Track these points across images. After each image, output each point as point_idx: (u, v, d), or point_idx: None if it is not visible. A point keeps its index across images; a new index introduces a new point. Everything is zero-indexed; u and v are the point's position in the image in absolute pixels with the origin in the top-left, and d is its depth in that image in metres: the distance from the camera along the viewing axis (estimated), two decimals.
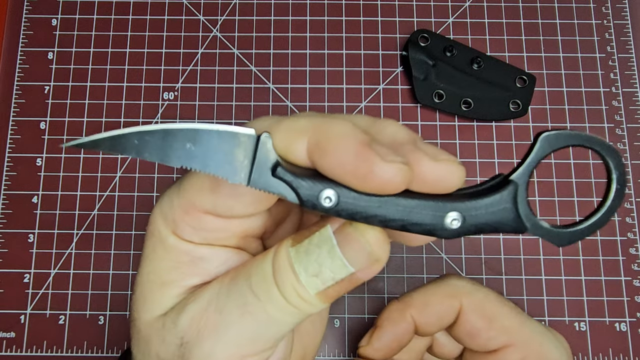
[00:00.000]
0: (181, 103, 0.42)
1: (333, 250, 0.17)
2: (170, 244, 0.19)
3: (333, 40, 0.43)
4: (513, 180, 0.17)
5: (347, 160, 0.15)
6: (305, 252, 0.17)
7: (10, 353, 0.37)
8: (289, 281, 0.17)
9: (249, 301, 0.17)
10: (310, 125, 0.16)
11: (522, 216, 0.17)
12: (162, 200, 0.19)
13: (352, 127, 0.16)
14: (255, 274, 0.18)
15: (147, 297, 0.19)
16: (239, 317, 0.17)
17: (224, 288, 0.18)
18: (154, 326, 0.19)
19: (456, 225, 0.16)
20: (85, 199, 0.40)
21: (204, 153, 0.16)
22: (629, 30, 0.43)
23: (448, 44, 0.41)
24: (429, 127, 0.41)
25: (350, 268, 0.17)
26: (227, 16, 0.43)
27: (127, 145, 0.16)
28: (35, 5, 0.43)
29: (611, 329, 0.38)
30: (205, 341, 0.18)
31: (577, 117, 0.41)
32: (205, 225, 0.18)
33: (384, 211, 0.16)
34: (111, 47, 0.43)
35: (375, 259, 0.17)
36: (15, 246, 0.39)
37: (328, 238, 0.17)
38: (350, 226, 0.17)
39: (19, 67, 0.42)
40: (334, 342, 0.38)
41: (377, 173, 0.15)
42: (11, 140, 0.41)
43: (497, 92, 0.41)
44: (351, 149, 0.15)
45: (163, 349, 0.18)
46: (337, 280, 0.17)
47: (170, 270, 0.19)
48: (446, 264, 0.39)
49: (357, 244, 0.17)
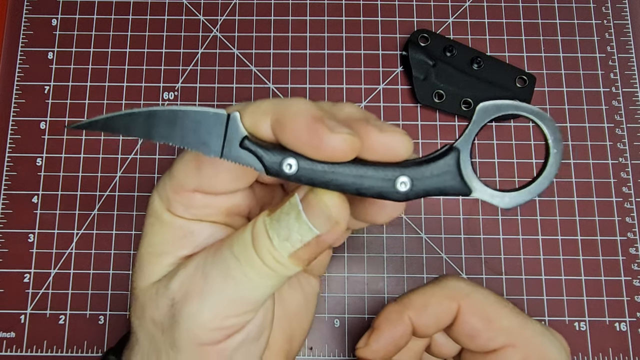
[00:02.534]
0: (181, 103, 0.42)
1: (299, 216, 0.19)
2: (165, 220, 0.22)
3: (333, 40, 0.43)
4: (455, 147, 0.19)
5: (301, 133, 0.18)
6: (278, 219, 0.19)
7: (10, 353, 0.37)
8: (265, 246, 0.19)
9: (231, 266, 0.20)
10: (272, 105, 0.19)
11: (465, 179, 0.19)
12: (158, 184, 0.22)
13: (308, 106, 0.18)
14: (237, 242, 0.20)
15: (145, 267, 0.22)
16: (222, 281, 0.20)
17: (209, 256, 0.21)
18: (149, 292, 0.21)
19: (405, 189, 0.18)
20: (85, 199, 0.40)
21: (182, 131, 0.18)
22: (629, 30, 0.43)
23: (448, 44, 0.41)
24: (429, 127, 0.41)
25: (315, 230, 0.19)
26: (227, 16, 0.43)
27: (117, 124, 0.19)
28: (35, 5, 0.43)
29: (611, 328, 0.38)
30: (192, 301, 0.20)
31: (577, 117, 0.41)
32: (194, 203, 0.21)
33: (338, 176, 0.18)
34: (111, 47, 0.43)
35: (335, 222, 0.19)
36: (15, 246, 0.39)
37: (295, 205, 0.19)
38: (311, 193, 0.19)
39: (19, 67, 0.42)
40: (334, 342, 0.38)
41: (326, 142, 0.17)
42: (11, 140, 0.41)
43: (497, 92, 0.41)
44: (304, 123, 0.18)
45: (157, 312, 0.21)
46: (305, 243, 0.19)
47: (165, 243, 0.22)
48: (446, 264, 0.39)
49: (318, 208, 0.19)
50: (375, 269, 0.39)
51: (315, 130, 0.18)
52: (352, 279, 0.39)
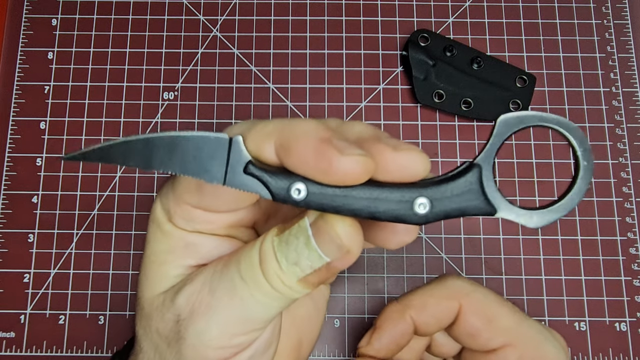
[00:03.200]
0: (181, 103, 0.42)
1: (309, 242, 0.18)
2: (167, 230, 0.21)
3: (333, 40, 0.43)
4: (477, 163, 0.17)
5: (307, 157, 0.16)
6: (286, 242, 0.18)
7: (10, 353, 0.37)
8: (273, 269, 0.18)
9: (238, 286, 0.19)
10: (277, 128, 0.17)
11: (489, 198, 0.17)
12: (161, 191, 0.22)
13: (314, 127, 0.17)
14: (244, 261, 0.19)
15: (149, 276, 0.22)
16: (229, 300, 0.19)
17: (217, 272, 0.20)
18: (155, 303, 0.21)
19: (424, 211, 0.17)
20: (85, 199, 0.40)
21: (182, 157, 0.17)
22: (629, 30, 0.43)
23: (448, 44, 0.41)
24: (429, 127, 0.41)
25: (325, 258, 0.18)
26: (227, 16, 0.43)
27: (113, 154, 0.17)
28: (35, 5, 0.43)
29: (611, 328, 0.38)
30: (198, 319, 0.19)
31: (577, 117, 0.41)
32: (195, 217, 0.21)
33: (350, 201, 0.17)
34: (111, 47, 0.43)
35: (346, 251, 0.18)
36: (15, 246, 0.39)
37: (304, 229, 0.18)
38: (321, 219, 0.18)
39: (19, 67, 0.42)
40: (334, 342, 0.38)
41: (336, 166, 0.16)
42: (11, 140, 0.41)
43: (497, 92, 0.41)
44: (310, 146, 0.16)
45: (162, 325, 0.20)
46: (315, 269, 0.18)
47: (168, 252, 0.21)
48: (446, 264, 0.39)
49: (328, 236, 0.18)
50: (375, 269, 0.39)
51: (323, 153, 0.16)
52: (352, 279, 0.39)
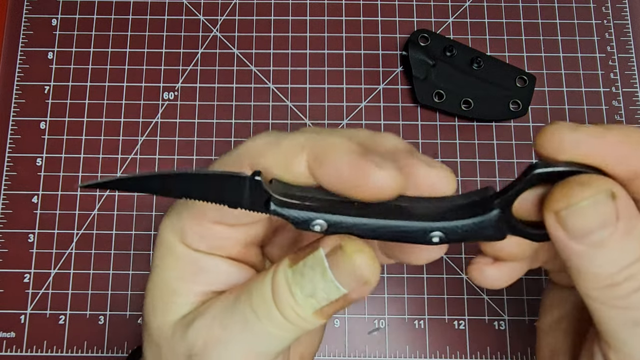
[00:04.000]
0: (181, 103, 0.42)
1: (325, 273, 0.17)
2: (179, 252, 0.20)
3: (333, 40, 0.43)
4: (496, 205, 0.17)
5: (342, 169, 0.16)
6: (301, 273, 0.18)
7: (10, 353, 0.37)
8: (287, 301, 0.18)
9: (250, 320, 0.18)
10: (309, 140, 0.17)
11: (503, 231, 0.18)
12: (170, 213, 0.21)
13: (348, 140, 0.17)
14: (256, 295, 0.19)
15: (157, 304, 0.21)
16: (241, 333, 0.18)
17: (228, 306, 0.19)
18: (164, 333, 0.20)
19: (438, 240, 0.17)
20: (85, 199, 0.40)
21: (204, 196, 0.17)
22: (629, 30, 0.43)
23: (448, 44, 0.41)
24: (429, 127, 0.41)
25: (342, 290, 0.17)
26: (227, 16, 0.43)
27: (130, 186, 0.18)
28: (35, 5, 0.43)
29: None
30: (211, 354, 0.19)
31: (577, 117, 0.41)
32: (213, 234, 0.20)
33: (374, 234, 0.17)
34: (111, 47, 0.43)
35: (365, 282, 0.17)
36: (15, 246, 0.39)
37: (321, 261, 0.17)
38: (340, 250, 0.17)
39: (19, 67, 0.42)
40: (334, 342, 0.38)
41: (373, 180, 0.16)
42: (11, 140, 0.41)
43: (497, 92, 0.41)
44: (346, 159, 0.16)
45: (172, 357, 0.20)
46: (331, 300, 0.18)
47: (178, 279, 0.20)
48: (446, 264, 0.39)
49: (347, 268, 0.17)
50: None
51: (361, 168, 0.16)
52: None
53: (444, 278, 0.39)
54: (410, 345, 0.38)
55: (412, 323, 0.38)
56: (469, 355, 0.37)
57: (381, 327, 0.38)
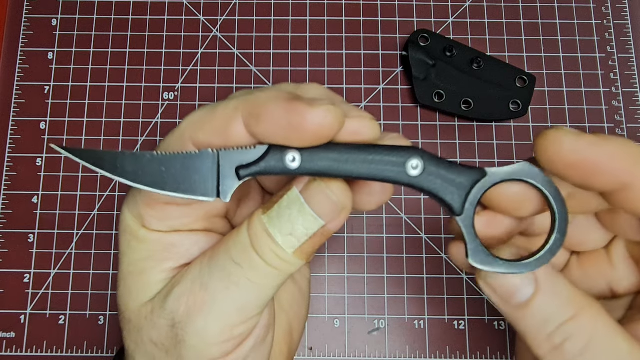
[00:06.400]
0: (181, 103, 0.42)
1: (302, 208, 0.18)
2: (141, 236, 0.20)
3: (333, 40, 0.43)
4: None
5: (279, 117, 0.17)
6: (277, 215, 0.18)
7: (10, 353, 0.37)
8: (267, 245, 0.18)
9: (232, 272, 0.19)
10: (241, 101, 0.18)
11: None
12: (127, 200, 0.21)
13: (277, 91, 0.17)
14: (234, 247, 0.19)
15: (132, 287, 0.21)
16: (224, 290, 0.19)
17: (205, 267, 0.20)
18: (143, 313, 0.20)
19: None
20: (85, 199, 0.40)
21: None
22: (629, 30, 0.43)
23: (448, 44, 0.41)
24: (429, 127, 0.41)
25: (320, 220, 0.18)
26: (227, 16, 0.43)
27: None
28: (35, 5, 0.43)
29: None
30: (196, 318, 0.19)
31: (577, 117, 0.41)
32: (169, 215, 0.20)
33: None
34: (111, 47, 0.43)
35: (342, 207, 0.18)
36: (15, 246, 0.39)
37: (296, 197, 0.18)
38: (314, 181, 0.18)
39: (19, 67, 0.42)
40: (334, 342, 0.38)
41: (309, 119, 0.16)
42: (11, 140, 0.41)
43: (497, 92, 0.41)
44: (282, 105, 0.17)
45: (155, 333, 0.20)
46: (311, 235, 0.18)
47: (147, 259, 0.21)
48: (446, 264, 0.39)
49: (323, 196, 0.18)
50: (375, 269, 0.39)
51: (294, 110, 0.17)
52: (352, 279, 0.39)
53: (444, 278, 0.39)
54: (410, 345, 0.38)
55: (412, 323, 0.38)
56: (469, 355, 0.37)
57: (381, 327, 0.38)
